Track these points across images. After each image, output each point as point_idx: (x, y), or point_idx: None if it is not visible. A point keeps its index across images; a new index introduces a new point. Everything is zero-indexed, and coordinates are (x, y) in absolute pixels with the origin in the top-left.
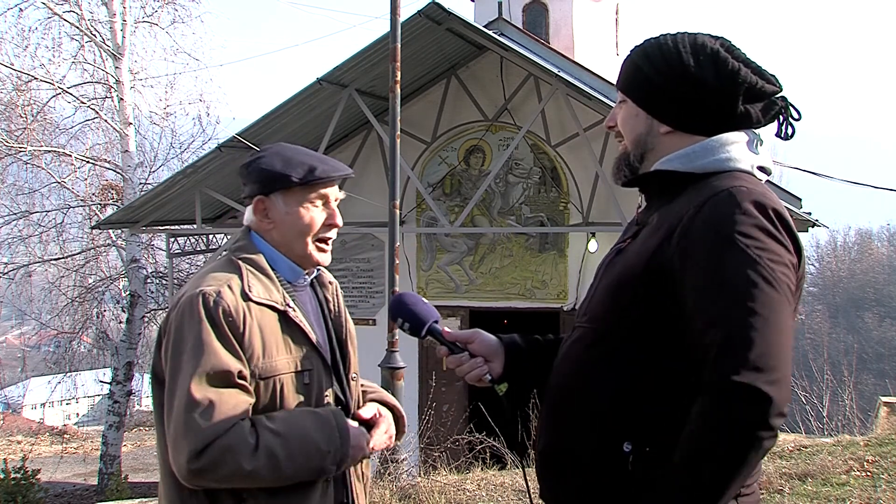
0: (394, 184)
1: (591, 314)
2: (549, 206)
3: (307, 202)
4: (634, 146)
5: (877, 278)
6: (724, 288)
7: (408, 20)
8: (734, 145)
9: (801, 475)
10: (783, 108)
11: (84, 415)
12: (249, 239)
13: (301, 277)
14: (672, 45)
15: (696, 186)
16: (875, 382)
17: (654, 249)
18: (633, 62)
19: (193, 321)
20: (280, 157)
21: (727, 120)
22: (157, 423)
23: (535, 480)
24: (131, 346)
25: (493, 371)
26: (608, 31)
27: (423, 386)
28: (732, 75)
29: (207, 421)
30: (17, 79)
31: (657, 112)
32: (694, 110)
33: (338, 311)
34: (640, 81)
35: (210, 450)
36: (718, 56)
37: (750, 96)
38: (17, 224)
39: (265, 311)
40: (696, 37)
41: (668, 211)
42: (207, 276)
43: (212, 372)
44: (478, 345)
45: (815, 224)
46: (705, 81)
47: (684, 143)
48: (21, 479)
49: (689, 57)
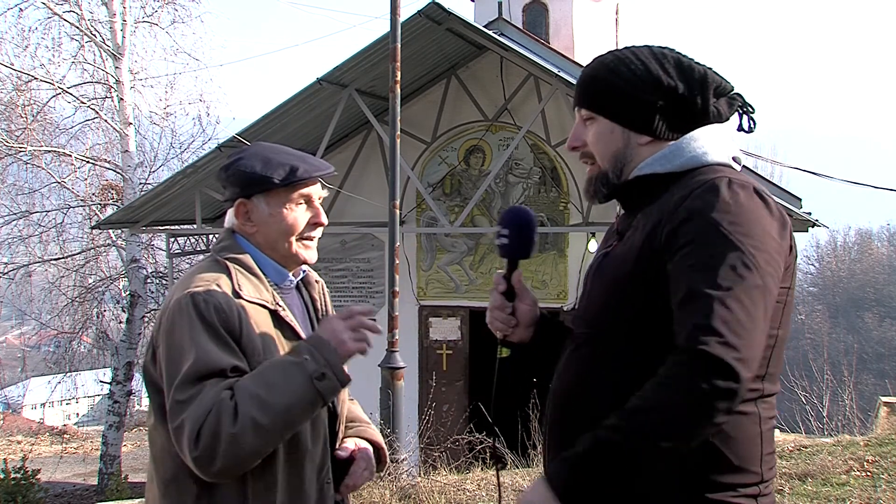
0: (394, 184)
1: (587, 320)
2: (550, 206)
3: (290, 203)
4: (613, 163)
5: (877, 278)
6: (706, 271)
7: (408, 20)
8: (708, 140)
9: (801, 475)
10: (742, 102)
11: (84, 415)
12: (234, 240)
13: (287, 279)
14: (635, 58)
15: (677, 184)
16: (875, 382)
17: (641, 247)
18: (599, 78)
19: (183, 323)
20: (259, 158)
21: (701, 121)
22: (157, 432)
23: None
24: (131, 346)
25: (514, 336)
26: (608, 31)
27: (422, 386)
28: (702, 79)
29: (194, 409)
30: (17, 79)
31: (635, 125)
32: (671, 117)
33: (325, 311)
34: (611, 97)
35: (202, 431)
36: (682, 63)
37: (716, 95)
38: (17, 224)
39: (257, 309)
40: (650, 48)
41: (652, 210)
42: (194, 278)
43: (204, 372)
44: (526, 307)
45: (815, 224)
46: (677, 88)
47: (660, 148)
48: (21, 479)
49: (657, 67)
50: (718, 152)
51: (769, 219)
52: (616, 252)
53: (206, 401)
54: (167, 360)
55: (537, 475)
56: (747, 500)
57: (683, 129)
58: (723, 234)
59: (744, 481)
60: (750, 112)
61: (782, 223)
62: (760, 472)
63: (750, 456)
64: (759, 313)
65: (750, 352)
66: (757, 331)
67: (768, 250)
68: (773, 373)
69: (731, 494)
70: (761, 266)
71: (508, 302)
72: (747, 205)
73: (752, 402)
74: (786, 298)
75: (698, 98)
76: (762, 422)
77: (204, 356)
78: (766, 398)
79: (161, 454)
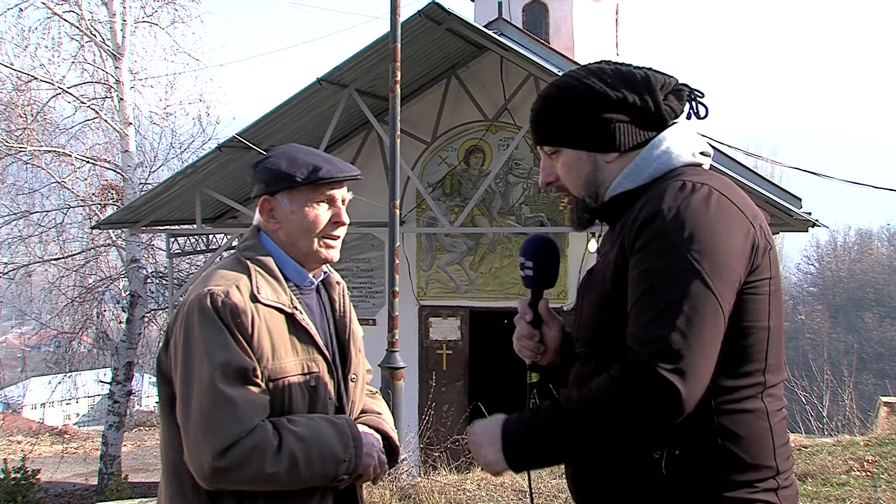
0: (394, 184)
1: (582, 338)
2: (550, 206)
3: (312, 201)
4: (587, 188)
5: (877, 278)
6: (651, 279)
7: (408, 20)
8: (669, 142)
9: (802, 475)
10: (689, 91)
11: (84, 415)
12: (258, 239)
13: (308, 280)
14: (576, 81)
15: (646, 193)
16: (875, 382)
17: (614, 262)
18: (549, 112)
19: (205, 319)
20: (286, 157)
21: (658, 123)
22: (162, 421)
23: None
24: (131, 346)
25: (543, 360)
26: (608, 32)
27: (423, 386)
28: (646, 82)
29: (230, 419)
30: (17, 79)
31: (598, 146)
32: (629, 127)
33: (343, 312)
34: (568, 126)
35: (235, 449)
36: (622, 72)
37: (665, 93)
38: (17, 224)
39: (273, 312)
40: (586, 68)
41: (624, 224)
42: (215, 275)
43: (229, 369)
44: (554, 334)
45: (815, 224)
46: (626, 98)
47: (628, 161)
48: (21, 479)
49: (600, 84)
50: (683, 152)
51: (722, 220)
52: (599, 268)
53: (245, 418)
54: (184, 350)
55: (498, 417)
56: (767, 493)
57: (647, 134)
58: (670, 241)
59: (760, 476)
60: (699, 98)
61: (742, 217)
62: (776, 465)
63: (762, 452)
64: (700, 319)
65: (696, 370)
66: (705, 340)
67: (715, 253)
68: (773, 363)
69: (748, 491)
70: (706, 271)
71: (536, 330)
72: (696, 208)
73: (757, 397)
74: (769, 289)
75: (649, 101)
76: (770, 415)
77: (228, 353)
78: (771, 390)
79: (164, 442)
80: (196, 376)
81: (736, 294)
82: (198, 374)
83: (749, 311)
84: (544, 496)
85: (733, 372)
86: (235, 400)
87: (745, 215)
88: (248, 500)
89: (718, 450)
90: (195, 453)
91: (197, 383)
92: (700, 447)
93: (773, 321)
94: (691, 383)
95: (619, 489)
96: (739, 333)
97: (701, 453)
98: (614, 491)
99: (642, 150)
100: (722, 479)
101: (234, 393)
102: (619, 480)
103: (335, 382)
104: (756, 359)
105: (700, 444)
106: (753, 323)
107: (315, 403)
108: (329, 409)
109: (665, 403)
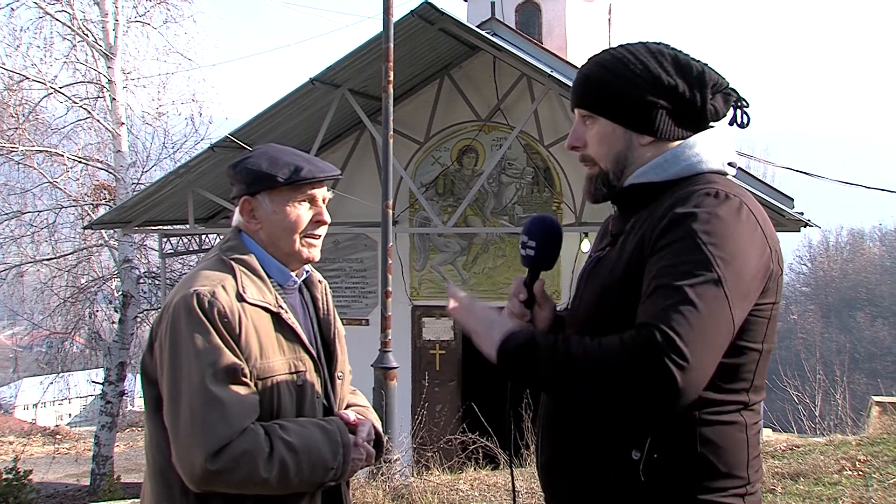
0: (386, 184)
1: (576, 324)
2: (543, 206)
3: (293, 201)
4: (614, 164)
5: (869, 278)
6: (672, 276)
7: (401, 20)
8: (703, 146)
9: (794, 474)
10: (737, 97)
11: (76, 415)
12: (240, 240)
13: (290, 280)
14: (633, 57)
15: (671, 192)
16: (867, 382)
17: (631, 254)
18: (597, 78)
19: (192, 320)
20: (267, 157)
21: (699, 120)
22: (148, 424)
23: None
24: (124, 347)
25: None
26: (601, 32)
27: (415, 386)
28: (700, 76)
29: (221, 420)
30: (8, 78)
31: (636, 125)
32: (672, 116)
33: (326, 311)
34: (611, 97)
35: (227, 451)
36: (680, 60)
37: (714, 92)
38: (8, 224)
39: (259, 312)
40: (647, 46)
41: (645, 218)
42: (200, 276)
43: (218, 369)
44: (545, 315)
45: (808, 224)
46: (677, 87)
47: (661, 151)
48: (13, 480)
49: (656, 66)
50: (714, 159)
51: (748, 236)
52: (609, 256)
53: (237, 420)
54: (171, 351)
55: (503, 318)
56: (735, 499)
57: (684, 126)
58: (697, 244)
59: (732, 485)
60: (744, 107)
61: (764, 240)
62: (747, 475)
63: (737, 462)
64: (719, 327)
65: (699, 370)
66: (713, 343)
67: (737, 266)
68: (758, 385)
69: (720, 495)
70: (726, 281)
71: (527, 310)
72: (727, 219)
73: (738, 412)
74: (770, 313)
75: (697, 96)
76: (748, 428)
77: (216, 354)
78: (752, 406)
79: (150, 445)
80: (184, 377)
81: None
82: (186, 375)
83: (748, 331)
84: (536, 496)
85: (720, 388)
86: (226, 401)
87: (766, 239)
88: (236, 503)
89: (696, 457)
90: (185, 455)
91: (186, 385)
92: (679, 453)
93: (766, 344)
94: (690, 385)
95: (593, 483)
96: (733, 351)
97: (679, 459)
98: (588, 485)
99: (675, 146)
100: (696, 484)
101: (224, 394)
102: (595, 475)
103: (322, 381)
104: (744, 378)
105: (679, 450)
106: (749, 344)
107: (303, 402)
108: (317, 407)
109: (660, 391)
